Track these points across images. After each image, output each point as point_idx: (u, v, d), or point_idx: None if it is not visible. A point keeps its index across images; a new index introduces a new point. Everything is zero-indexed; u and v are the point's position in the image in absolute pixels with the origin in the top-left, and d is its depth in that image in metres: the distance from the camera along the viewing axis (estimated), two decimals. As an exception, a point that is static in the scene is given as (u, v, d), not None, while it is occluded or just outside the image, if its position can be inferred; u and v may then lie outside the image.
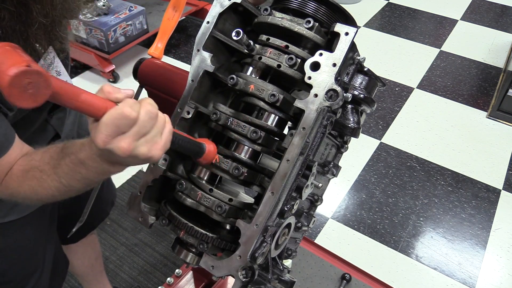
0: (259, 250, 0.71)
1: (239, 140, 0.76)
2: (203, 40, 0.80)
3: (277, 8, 0.83)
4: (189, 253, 0.78)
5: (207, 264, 0.73)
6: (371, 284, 1.58)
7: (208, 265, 0.73)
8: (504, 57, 3.34)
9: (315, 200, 0.96)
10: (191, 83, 0.81)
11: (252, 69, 0.81)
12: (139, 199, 0.80)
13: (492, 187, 2.38)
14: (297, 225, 0.90)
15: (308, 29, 0.75)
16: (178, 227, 0.75)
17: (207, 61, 0.80)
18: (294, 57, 0.75)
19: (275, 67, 0.76)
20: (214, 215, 0.75)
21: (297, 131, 0.72)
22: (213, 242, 0.74)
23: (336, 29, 0.73)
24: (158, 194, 0.83)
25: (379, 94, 3.01)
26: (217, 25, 0.81)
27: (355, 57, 0.80)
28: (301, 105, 0.72)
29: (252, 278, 0.69)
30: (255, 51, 0.79)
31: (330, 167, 0.93)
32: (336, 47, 0.72)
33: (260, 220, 0.70)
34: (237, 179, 0.76)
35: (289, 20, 0.77)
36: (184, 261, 0.78)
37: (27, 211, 1.04)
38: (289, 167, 0.71)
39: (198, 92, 0.82)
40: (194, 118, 0.80)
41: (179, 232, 0.75)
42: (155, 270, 1.98)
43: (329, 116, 0.73)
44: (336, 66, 0.71)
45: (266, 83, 0.77)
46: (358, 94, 0.84)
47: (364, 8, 3.97)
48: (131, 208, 0.81)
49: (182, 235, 0.75)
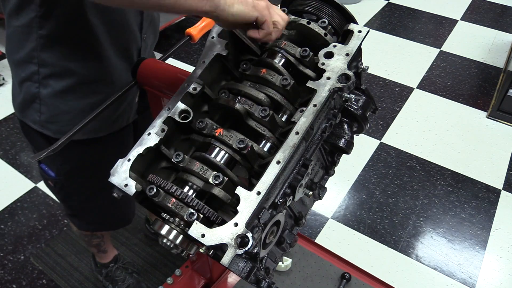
0: (255, 221, 0.67)
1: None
2: (220, 30, 0.85)
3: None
4: (172, 229, 0.71)
5: (197, 232, 0.67)
6: (371, 283, 1.58)
7: (198, 233, 0.67)
8: (504, 57, 3.34)
9: (299, 217, 0.96)
10: (202, 63, 0.83)
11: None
12: (127, 166, 0.75)
13: (492, 187, 2.38)
14: (280, 239, 0.87)
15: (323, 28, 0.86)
16: (171, 193, 0.71)
17: (221, 46, 0.83)
18: (307, 50, 0.82)
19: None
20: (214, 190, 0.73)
21: (308, 108, 0.74)
22: (205, 211, 0.70)
23: (350, 27, 0.82)
24: (144, 169, 0.79)
25: (379, 94, 3.01)
26: None
27: (359, 65, 0.84)
28: (313, 86, 0.76)
29: (247, 247, 0.64)
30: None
31: (316, 187, 0.93)
32: (349, 42, 0.80)
33: (263, 188, 0.69)
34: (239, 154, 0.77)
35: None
36: (166, 237, 0.71)
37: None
38: (297, 138, 0.72)
39: (207, 74, 0.83)
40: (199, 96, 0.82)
41: (168, 202, 0.71)
42: (155, 270, 1.99)
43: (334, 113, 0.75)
44: (349, 56, 0.78)
45: (281, 69, 0.82)
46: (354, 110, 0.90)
47: (364, 8, 3.97)
48: (116, 174, 0.75)
49: (171, 204, 0.71)
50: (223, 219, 0.72)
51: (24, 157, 2.49)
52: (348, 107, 0.89)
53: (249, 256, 0.68)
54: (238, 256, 0.65)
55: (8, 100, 1.11)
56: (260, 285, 0.76)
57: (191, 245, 0.72)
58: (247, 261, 0.67)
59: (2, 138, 2.60)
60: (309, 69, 0.83)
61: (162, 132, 0.77)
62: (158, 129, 0.78)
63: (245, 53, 0.90)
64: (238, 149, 0.75)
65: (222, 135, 0.76)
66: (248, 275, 0.68)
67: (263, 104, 0.79)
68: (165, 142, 0.79)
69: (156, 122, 0.79)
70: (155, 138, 0.77)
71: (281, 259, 0.96)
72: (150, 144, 0.76)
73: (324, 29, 0.83)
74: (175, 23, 3.48)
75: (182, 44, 1.14)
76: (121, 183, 0.74)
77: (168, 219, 0.72)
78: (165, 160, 0.81)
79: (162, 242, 0.72)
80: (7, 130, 2.65)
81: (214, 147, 0.78)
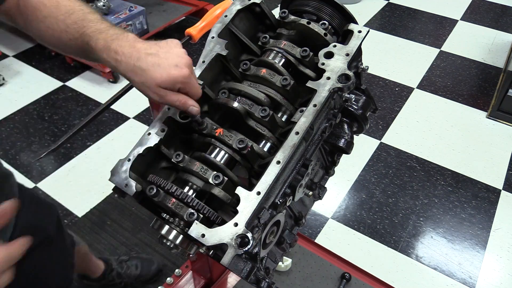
0: (255, 221, 0.67)
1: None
2: (220, 30, 0.85)
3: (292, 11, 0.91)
4: (172, 229, 0.71)
5: (198, 232, 0.67)
6: (371, 283, 1.58)
7: (199, 233, 0.67)
8: (504, 57, 3.34)
9: (299, 217, 0.96)
10: (202, 63, 0.82)
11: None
12: (127, 166, 0.75)
13: (492, 187, 2.38)
14: (280, 239, 0.87)
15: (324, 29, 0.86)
16: (171, 193, 0.71)
17: (221, 46, 0.83)
18: (307, 50, 0.82)
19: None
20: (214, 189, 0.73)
21: (308, 108, 0.74)
22: (205, 211, 0.70)
23: (350, 27, 0.82)
24: (144, 169, 0.79)
25: (379, 94, 3.01)
26: (234, 21, 0.86)
27: (359, 65, 0.84)
28: (313, 85, 0.75)
29: (247, 247, 0.64)
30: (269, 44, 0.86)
31: (316, 187, 0.94)
32: (349, 42, 0.79)
33: (263, 188, 0.68)
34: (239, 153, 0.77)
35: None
36: (166, 237, 0.71)
37: None
38: (297, 138, 0.72)
39: (207, 74, 0.84)
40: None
41: (168, 202, 0.71)
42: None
43: (334, 113, 0.75)
44: (349, 56, 0.78)
45: (281, 69, 0.82)
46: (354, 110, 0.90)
47: (364, 8, 3.97)
48: (115, 174, 0.75)
49: (171, 204, 0.71)
50: (223, 219, 0.72)
51: (24, 157, 2.49)
52: (348, 107, 0.89)
53: (249, 256, 0.68)
54: (238, 256, 0.65)
55: (8, 100, 1.11)
56: (260, 285, 0.76)
57: (191, 245, 0.72)
58: (247, 261, 0.67)
59: (2, 138, 2.60)
60: (309, 69, 0.83)
61: (162, 132, 0.77)
62: (158, 129, 0.78)
63: (245, 53, 0.90)
64: (238, 149, 0.75)
65: (222, 135, 0.76)
66: (248, 275, 0.68)
67: (263, 104, 0.79)
68: (165, 142, 0.79)
69: (156, 122, 0.79)
70: (155, 138, 0.77)
71: (281, 259, 0.96)
72: (150, 144, 0.76)
73: (324, 29, 0.83)
74: (175, 23, 3.48)
75: (182, 44, 1.14)
76: (121, 183, 0.74)
77: (168, 219, 0.72)
78: (165, 160, 0.81)
79: (162, 242, 0.72)
80: (7, 130, 2.65)
81: (214, 147, 0.78)
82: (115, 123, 2.71)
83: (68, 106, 2.82)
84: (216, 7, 1.18)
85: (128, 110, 2.79)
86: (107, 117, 2.74)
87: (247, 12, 0.88)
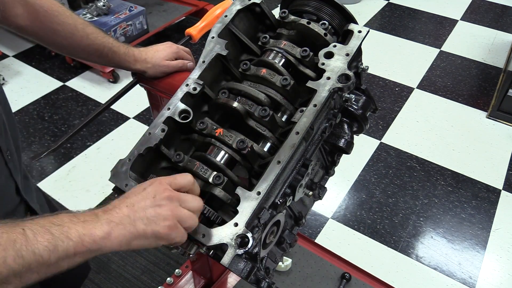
0: (255, 222, 0.67)
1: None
2: (220, 30, 0.85)
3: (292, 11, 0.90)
4: None
5: (198, 232, 0.67)
6: (371, 283, 1.58)
7: (199, 233, 0.67)
8: (504, 57, 3.34)
9: (299, 217, 0.96)
10: (202, 63, 0.82)
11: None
12: (127, 166, 0.75)
13: (492, 187, 2.38)
14: (280, 239, 0.87)
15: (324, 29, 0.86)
16: None
17: (221, 46, 0.83)
18: (307, 50, 0.82)
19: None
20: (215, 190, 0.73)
21: (308, 108, 0.74)
22: (205, 211, 0.70)
23: (350, 27, 0.81)
24: (144, 169, 0.79)
25: (379, 94, 3.01)
26: (234, 21, 0.86)
27: (359, 65, 0.84)
28: (313, 85, 0.75)
29: (247, 247, 0.64)
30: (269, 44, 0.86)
31: (317, 187, 0.94)
32: (349, 42, 0.79)
33: (263, 188, 0.68)
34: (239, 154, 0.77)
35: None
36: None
37: None
38: (297, 138, 0.72)
39: (207, 74, 0.84)
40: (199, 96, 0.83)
41: None
42: (158, 269, 1.99)
43: (334, 113, 0.75)
44: (349, 56, 0.77)
45: (281, 69, 0.82)
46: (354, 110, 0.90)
47: (364, 8, 3.97)
48: (115, 175, 0.75)
49: None
50: (223, 219, 0.72)
51: (24, 157, 2.49)
52: (348, 107, 0.89)
53: (249, 256, 0.68)
54: (238, 256, 0.65)
55: (8, 100, 1.10)
56: (260, 285, 0.76)
57: (191, 245, 0.72)
58: (247, 261, 0.67)
59: (2, 138, 2.60)
60: (309, 69, 0.83)
61: (162, 132, 0.77)
62: (158, 129, 0.78)
63: (245, 53, 0.90)
64: (238, 149, 0.75)
65: (222, 135, 0.76)
66: (248, 275, 0.68)
67: (263, 104, 0.79)
68: (165, 142, 0.79)
69: (156, 122, 0.79)
70: (155, 138, 0.77)
71: (281, 259, 0.96)
72: (150, 144, 0.76)
73: (324, 29, 0.83)
74: (175, 23, 3.48)
75: (182, 44, 1.14)
76: (121, 183, 0.74)
77: None
78: (165, 160, 0.80)
79: None
80: (7, 130, 2.65)
81: (214, 147, 0.78)
82: (115, 123, 2.71)
83: (68, 106, 2.83)
84: (216, 7, 1.17)
85: (128, 110, 2.79)
86: (107, 117, 2.74)
87: (247, 12, 0.88)
